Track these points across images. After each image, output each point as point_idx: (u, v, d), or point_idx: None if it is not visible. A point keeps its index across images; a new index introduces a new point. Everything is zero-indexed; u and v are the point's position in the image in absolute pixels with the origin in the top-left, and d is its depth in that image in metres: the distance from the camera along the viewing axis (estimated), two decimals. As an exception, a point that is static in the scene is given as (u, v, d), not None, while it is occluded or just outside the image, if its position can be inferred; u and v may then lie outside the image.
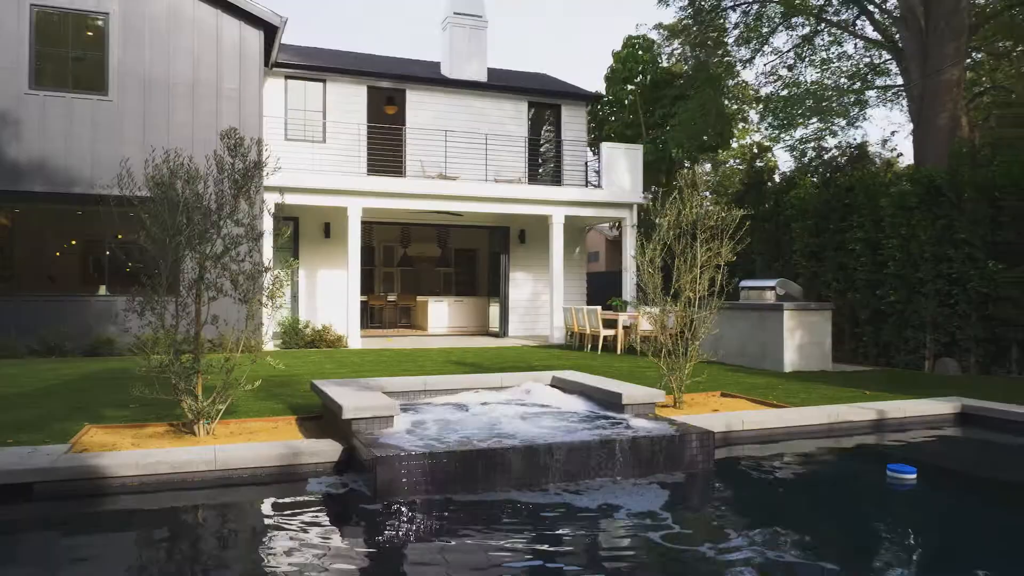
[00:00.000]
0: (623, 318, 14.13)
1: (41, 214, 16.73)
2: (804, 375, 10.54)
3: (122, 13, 13.46)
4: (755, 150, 22.45)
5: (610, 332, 14.32)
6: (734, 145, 26.17)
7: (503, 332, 18.60)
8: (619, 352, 13.95)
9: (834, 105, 17.46)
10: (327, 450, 5.59)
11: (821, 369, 11.24)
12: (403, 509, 4.70)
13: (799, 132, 18.15)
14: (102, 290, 14.11)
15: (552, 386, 7.61)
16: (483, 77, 18.97)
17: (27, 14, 12.88)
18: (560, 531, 4.37)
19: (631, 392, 6.45)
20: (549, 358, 12.93)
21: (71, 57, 13.49)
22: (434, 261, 23.33)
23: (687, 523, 4.52)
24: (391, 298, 20.99)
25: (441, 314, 20.15)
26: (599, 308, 14.71)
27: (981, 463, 6.82)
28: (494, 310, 19.35)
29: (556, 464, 5.15)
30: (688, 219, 8.16)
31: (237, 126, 13.92)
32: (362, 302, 20.59)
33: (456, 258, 23.58)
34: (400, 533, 4.47)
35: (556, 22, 70.88)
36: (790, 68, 18.12)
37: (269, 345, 14.55)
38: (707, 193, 26.00)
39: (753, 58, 17.81)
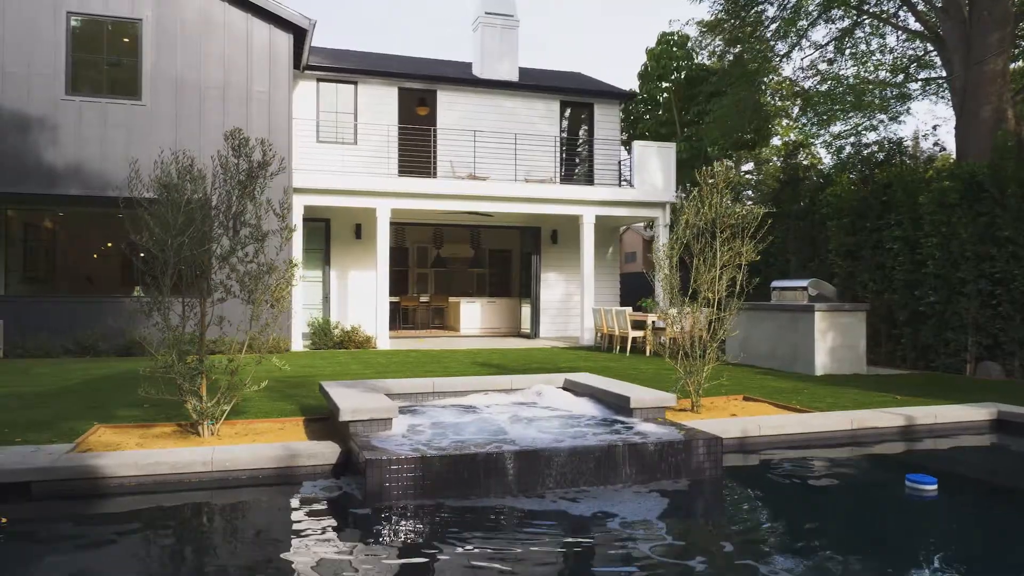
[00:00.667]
0: (652, 319, 13.86)
1: (80, 217, 17.21)
2: (836, 379, 10.17)
3: (155, 19, 13.71)
4: (791, 146, 21.87)
5: (639, 334, 14.06)
6: (777, 142, 25.66)
7: (534, 333, 18.46)
8: (648, 354, 13.69)
9: (876, 100, 16.88)
10: (325, 452, 5.53)
11: (855, 372, 10.83)
12: (391, 514, 4.60)
13: (838, 127, 17.62)
14: (137, 291, 14.38)
15: (564, 389, 7.44)
16: (514, 77, 18.86)
17: (63, 21, 13.21)
18: (545, 540, 4.21)
19: (640, 396, 6.26)
20: (575, 360, 12.75)
21: (106, 63, 13.79)
22: (467, 262, 23.30)
23: (681, 534, 4.32)
24: (424, 299, 21.01)
25: (473, 315, 20.09)
26: (628, 309, 14.47)
27: (1014, 473, 6.44)
28: (526, 311, 19.22)
29: (554, 470, 5.00)
30: (707, 217, 7.90)
31: (266, 128, 14.19)
32: (394, 303, 20.70)
33: (490, 259, 23.52)
34: (384, 539, 4.37)
35: (591, 20, 70.47)
36: (830, 63, 17.57)
37: (298, 345, 14.70)
38: (746, 191, 25.47)
39: (790, 52, 17.30)
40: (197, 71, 13.96)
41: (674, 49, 20.23)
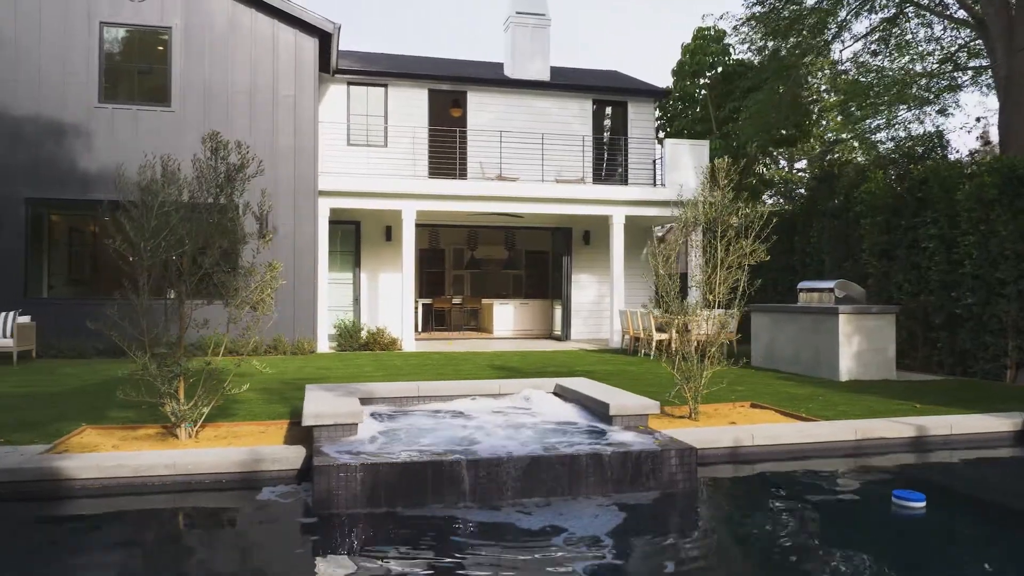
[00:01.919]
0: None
1: (117, 222, 17.67)
2: (860, 385, 9.66)
3: (184, 26, 14.01)
4: (826, 142, 21.09)
5: (664, 336, 13.69)
6: (823, 138, 24.74)
7: (565, 336, 18.22)
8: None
9: (921, 92, 16.07)
10: (290, 457, 5.46)
11: (883, 378, 10.29)
12: (335, 523, 4.50)
13: (877, 121, 16.83)
14: (171, 293, 14.71)
15: (554, 394, 7.24)
16: (546, 76, 18.65)
17: (96, 31, 13.61)
18: (478, 555, 4.03)
19: (621, 402, 6.01)
20: (595, 363, 12.49)
21: (137, 71, 14.16)
22: (502, 263, 23.18)
23: (624, 553, 4.08)
24: (456, 301, 20.97)
25: (506, 317, 19.95)
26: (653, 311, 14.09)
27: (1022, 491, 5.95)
28: (557, 313, 18.99)
29: (512, 480, 4.82)
30: (707, 216, 7.60)
31: (292, 131, 14.33)
32: (426, 305, 20.74)
33: (526, 260, 23.35)
34: (320, 548, 4.27)
35: (626, 17, 69.50)
36: (874, 54, 16.81)
37: (324, 347, 14.82)
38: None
39: (831, 44, 16.63)
40: (225, 77, 14.20)
41: (711, 44, 19.70)
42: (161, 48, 14.05)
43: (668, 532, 4.59)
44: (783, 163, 26.78)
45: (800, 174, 27.26)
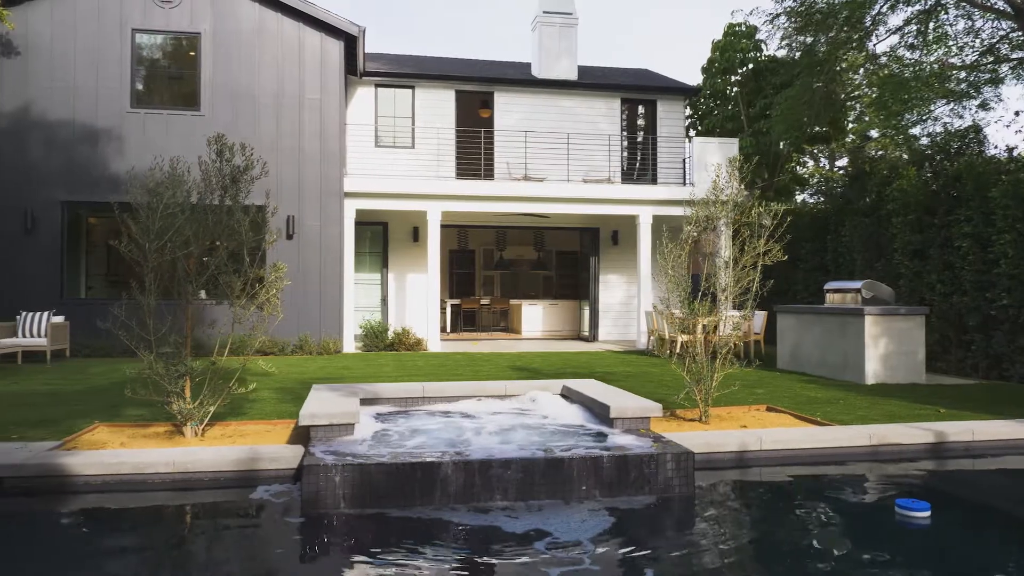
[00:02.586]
0: (703, 322, 13.23)
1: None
2: (887, 389, 9.37)
3: (213, 32, 14.27)
4: (859, 138, 20.48)
5: (688, 337, 13.45)
6: (875, 134, 23.98)
7: (593, 337, 18.08)
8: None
9: (958, 86, 15.52)
10: (287, 456, 5.49)
11: (912, 382, 9.96)
12: (321, 523, 4.50)
13: (913, 116, 16.28)
14: (202, 294, 15.00)
15: (561, 396, 7.16)
16: (573, 75, 18.54)
17: (128, 38, 13.94)
18: (455, 558, 3.98)
19: (621, 405, 5.91)
20: (615, 364, 12.35)
21: (167, 76, 14.46)
22: (531, 264, 23.12)
23: (606, 560, 3.99)
24: (484, 301, 20.96)
25: (535, 318, 19.88)
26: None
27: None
28: (586, 314, 18.85)
29: (501, 482, 4.76)
30: (715, 215, 7.46)
31: (318, 134, 14.49)
32: (455, 305, 20.78)
33: (557, 261, 23.25)
34: (301, 548, 4.27)
35: (656, 15, 68.75)
36: (911, 48, 16.31)
37: (350, 347, 14.94)
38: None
39: (866, 37, 16.20)
40: (252, 80, 14.42)
41: (742, 41, 19.33)
42: (191, 53, 14.33)
43: (656, 539, 4.47)
44: (823, 161, 26.19)
45: (841, 172, 26.62)
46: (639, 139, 18.97)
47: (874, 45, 16.78)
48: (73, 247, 14.53)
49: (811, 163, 26.10)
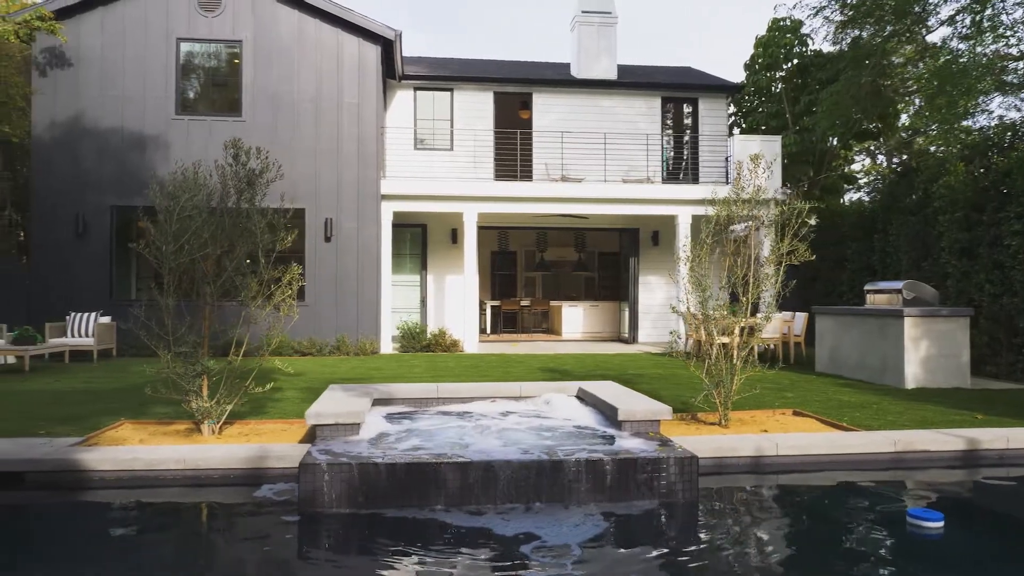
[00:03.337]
0: (741, 324, 12.94)
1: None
2: (926, 393, 8.99)
3: (254, 39, 14.60)
4: (906, 134, 19.67)
5: (727, 339, 13.17)
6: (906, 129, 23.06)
7: (632, 338, 17.86)
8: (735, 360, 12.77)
9: (1011, 77, 14.80)
10: (295, 455, 5.53)
11: (955, 386, 9.53)
12: (315, 522, 4.53)
13: (968, 107, 15.57)
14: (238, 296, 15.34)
15: (577, 397, 7.08)
16: (613, 75, 18.37)
17: (174, 48, 14.36)
18: (441, 561, 3.96)
19: (630, 407, 5.80)
20: (650, 366, 12.17)
21: (210, 83, 14.85)
22: (572, 265, 22.98)
23: (591, 564, 3.90)
24: (524, 303, 20.92)
25: (575, 319, 19.75)
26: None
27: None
28: (625, 315, 18.64)
29: (497, 484, 4.72)
30: (737, 213, 7.28)
31: (356, 137, 14.67)
32: (495, 307, 20.79)
33: (599, 262, 23.07)
34: (290, 546, 4.30)
35: (698, 12, 67.58)
36: (965, 39, 15.63)
37: (387, 348, 15.08)
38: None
39: (918, 26, 15.61)
40: (291, 86, 14.70)
41: (787, 36, 18.82)
42: (231, 61, 14.69)
43: (649, 545, 4.36)
44: (881, 158, 25.32)
45: (888, 169, 25.72)
46: (680, 138, 18.68)
47: (925, 35, 16.14)
48: (123, 250, 15.03)
49: (867, 160, 25.25)
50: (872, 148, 23.53)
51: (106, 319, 12.81)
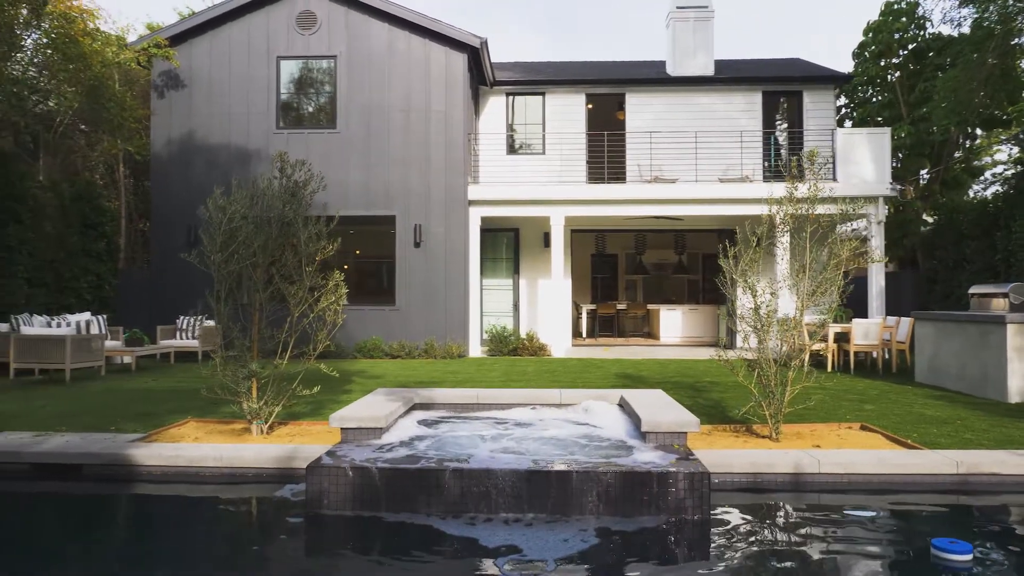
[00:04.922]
0: (834, 329, 12.17)
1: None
2: (1033, 408, 8.09)
3: (347, 54, 15.23)
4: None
5: (821, 345, 12.43)
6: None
7: (730, 343, 17.17)
8: (829, 368, 12.02)
9: None
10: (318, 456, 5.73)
11: (1070, 401, 8.52)
12: (314, 522, 4.66)
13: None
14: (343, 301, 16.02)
15: (619, 405, 6.89)
16: (710, 71, 17.76)
17: (274, 66, 15.23)
18: (400, 566, 3.96)
19: (655, 419, 5.57)
20: (725, 375, 11.62)
21: (307, 97, 15.61)
22: (671, 268, 22.38)
23: (560, 579, 3.78)
24: (621, 306, 20.58)
25: (673, 323, 19.23)
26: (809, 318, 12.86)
27: None
28: (722, 319, 17.95)
29: (495, 493, 4.68)
30: (791, 214, 6.86)
31: (444, 144, 15.00)
32: (591, 310, 20.58)
33: (703, 264, 22.35)
34: (288, 545, 4.44)
35: (802, 2, 63.55)
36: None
37: (476, 351, 15.30)
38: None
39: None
40: (383, 98, 15.22)
41: (902, 20, 17.44)
42: (327, 76, 15.38)
43: (633, 563, 4.16)
44: (1014, 149, 23.00)
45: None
46: (783, 133, 17.78)
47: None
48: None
49: (1001, 151, 23.05)
50: (1003, 137, 21.42)
51: (210, 322, 13.72)
